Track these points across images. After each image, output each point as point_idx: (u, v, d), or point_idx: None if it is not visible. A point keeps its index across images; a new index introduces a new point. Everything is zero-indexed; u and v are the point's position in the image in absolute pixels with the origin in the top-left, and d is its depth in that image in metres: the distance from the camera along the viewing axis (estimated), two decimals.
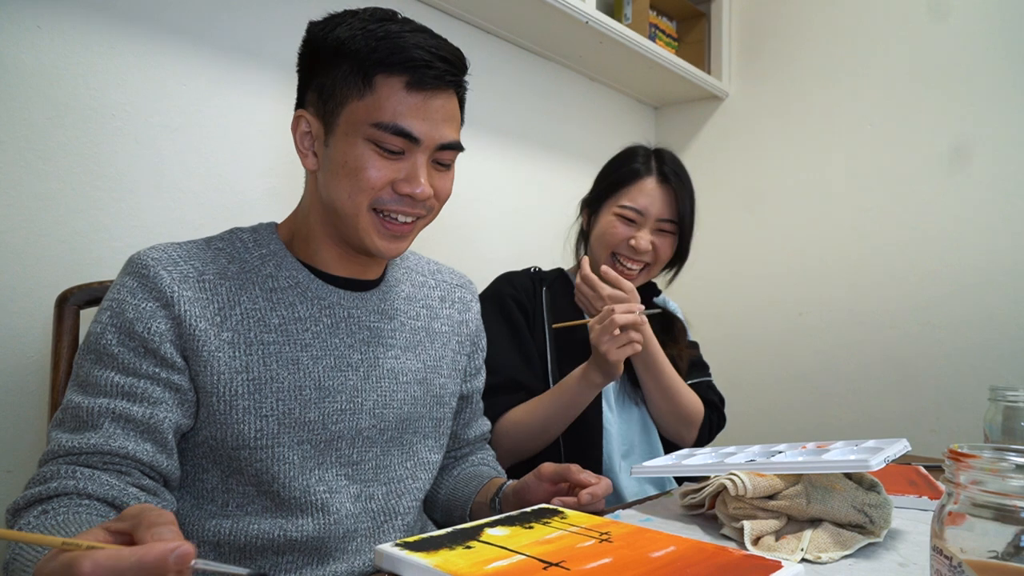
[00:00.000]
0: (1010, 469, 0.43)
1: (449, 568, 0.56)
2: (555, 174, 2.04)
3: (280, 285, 0.82)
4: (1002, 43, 1.83)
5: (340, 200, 0.79)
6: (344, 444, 0.82)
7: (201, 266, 0.79)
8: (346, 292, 0.86)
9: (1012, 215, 1.80)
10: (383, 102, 0.76)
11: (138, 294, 0.75)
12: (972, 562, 0.42)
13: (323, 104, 0.79)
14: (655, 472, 0.92)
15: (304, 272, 0.84)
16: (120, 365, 0.73)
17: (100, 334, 0.74)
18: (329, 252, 0.85)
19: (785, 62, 2.21)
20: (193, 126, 1.23)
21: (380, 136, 0.77)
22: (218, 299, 0.78)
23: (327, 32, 0.79)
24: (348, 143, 0.77)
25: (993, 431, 0.99)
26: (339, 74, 0.77)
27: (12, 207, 1.02)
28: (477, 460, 1.07)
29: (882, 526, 0.73)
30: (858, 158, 2.05)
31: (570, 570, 0.57)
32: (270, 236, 0.86)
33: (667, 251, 1.30)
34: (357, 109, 0.77)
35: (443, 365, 0.95)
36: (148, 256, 0.77)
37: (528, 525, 0.70)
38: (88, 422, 0.71)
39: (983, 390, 1.04)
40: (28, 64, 1.04)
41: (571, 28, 1.77)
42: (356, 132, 0.77)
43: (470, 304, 1.04)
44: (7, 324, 1.02)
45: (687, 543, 0.64)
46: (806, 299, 2.12)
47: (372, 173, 0.77)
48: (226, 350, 0.76)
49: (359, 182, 0.77)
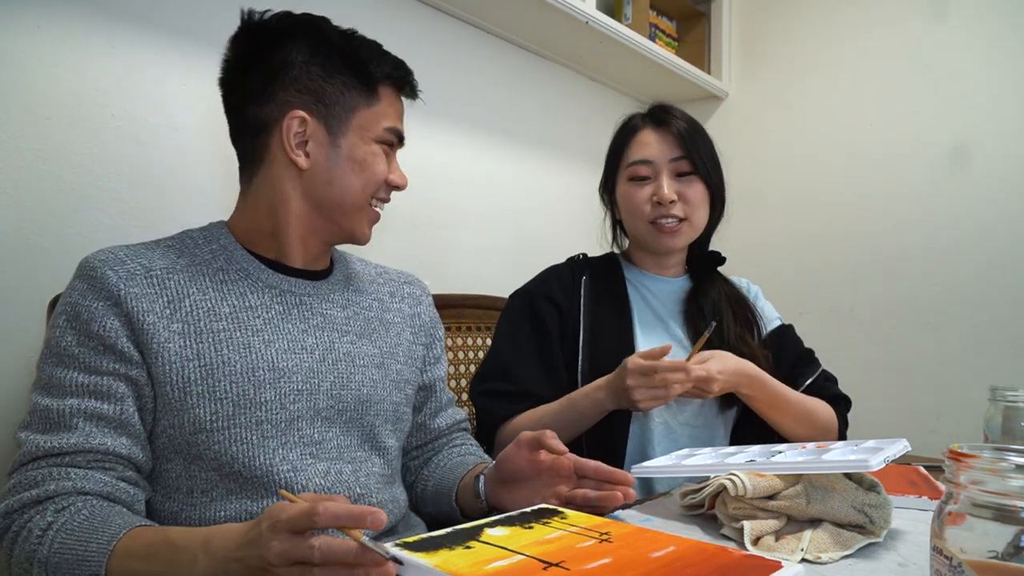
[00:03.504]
0: (1010, 469, 0.43)
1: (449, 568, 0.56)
2: (555, 174, 2.04)
3: (230, 277, 0.85)
4: (1002, 43, 1.83)
5: (351, 192, 0.87)
6: (304, 424, 0.83)
7: (148, 263, 0.81)
8: (297, 280, 0.89)
9: (1012, 215, 1.80)
10: (387, 109, 0.89)
11: (88, 295, 0.77)
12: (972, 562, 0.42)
13: (324, 107, 0.85)
14: (655, 472, 0.92)
15: (255, 263, 0.87)
16: (83, 365, 0.75)
17: (59, 338, 0.77)
18: (296, 245, 0.89)
19: (785, 62, 2.21)
20: (192, 126, 1.23)
21: (387, 137, 0.89)
22: (167, 292, 0.80)
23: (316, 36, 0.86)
24: (362, 144, 0.87)
25: (993, 431, 0.98)
26: (343, 82, 0.86)
27: (12, 207, 1.03)
28: (462, 450, 1.07)
29: (882, 526, 0.73)
30: (858, 158, 2.05)
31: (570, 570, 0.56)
32: (220, 232, 0.89)
33: (698, 194, 1.19)
34: (368, 115, 0.87)
35: (399, 352, 0.98)
36: (95, 258, 0.80)
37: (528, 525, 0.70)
38: (61, 423, 0.73)
39: (983, 390, 1.03)
40: (28, 64, 1.04)
41: (571, 28, 1.77)
42: (369, 135, 0.87)
43: (420, 298, 1.07)
44: (6, 324, 1.02)
45: (687, 543, 0.64)
46: (806, 299, 2.12)
47: (383, 168, 0.89)
48: (176, 340, 0.78)
49: (374, 175, 0.88)
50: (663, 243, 1.21)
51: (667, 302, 1.26)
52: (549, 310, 1.21)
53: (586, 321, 1.21)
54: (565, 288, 1.24)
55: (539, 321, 1.21)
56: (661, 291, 1.27)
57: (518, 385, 1.16)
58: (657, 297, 1.26)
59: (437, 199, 1.69)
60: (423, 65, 1.67)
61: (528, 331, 1.20)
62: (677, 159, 1.19)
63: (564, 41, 1.86)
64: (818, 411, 1.17)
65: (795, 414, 1.14)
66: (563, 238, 2.02)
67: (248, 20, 0.87)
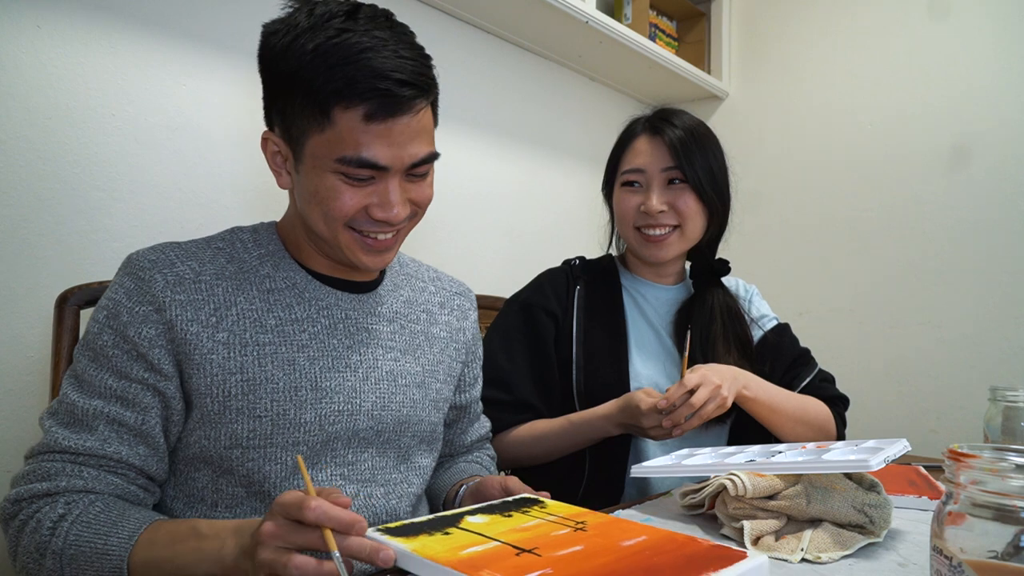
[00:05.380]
0: (1010, 469, 0.43)
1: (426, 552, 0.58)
2: (555, 174, 2.04)
3: (277, 286, 0.82)
4: (1002, 43, 1.83)
5: (316, 225, 0.79)
6: (340, 445, 0.82)
7: (198, 266, 0.79)
8: (343, 294, 0.86)
9: (1012, 215, 1.80)
10: (344, 135, 0.73)
11: (133, 296, 0.76)
12: (972, 562, 0.42)
13: (286, 131, 0.77)
14: (655, 472, 0.92)
15: (301, 273, 0.84)
16: (114, 367, 0.74)
17: (97, 333, 0.75)
18: (318, 260, 0.86)
19: (785, 62, 2.21)
20: (193, 126, 1.23)
21: (346, 169, 0.74)
22: (214, 299, 0.78)
23: (278, 57, 0.74)
24: (316, 175, 0.75)
25: (993, 431, 0.99)
26: (296, 104, 0.74)
27: (12, 207, 1.03)
28: (472, 458, 1.07)
29: (882, 526, 0.73)
30: (858, 157, 2.05)
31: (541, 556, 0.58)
32: (269, 236, 0.86)
33: (691, 205, 1.16)
34: (319, 144, 0.74)
35: (440, 370, 0.95)
36: (145, 258, 0.77)
37: (507, 514, 0.72)
38: (83, 422, 0.73)
39: (983, 390, 1.04)
40: (28, 64, 1.04)
41: (571, 28, 1.77)
42: (322, 165, 0.75)
43: (468, 312, 1.03)
44: (7, 324, 1.02)
45: (659, 533, 0.65)
46: (806, 299, 2.12)
47: (344, 202, 0.75)
48: (220, 351, 0.76)
49: (331, 211, 0.76)
50: (650, 252, 1.20)
51: (661, 311, 1.26)
52: (544, 322, 1.21)
53: (579, 335, 1.20)
54: (560, 297, 1.23)
55: (535, 334, 1.20)
56: (657, 299, 1.27)
57: (514, 396, 1.16)
58: (652, 306, 1.26)
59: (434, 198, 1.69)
60: None
61: (524, 343, 1.20)
62: (668, 168, 1.17)
63: (564, 41, 1.86)
64: (815, 410, 1.17)
65: (791, 414, 1.13)
66: (561, 238, 2.02)
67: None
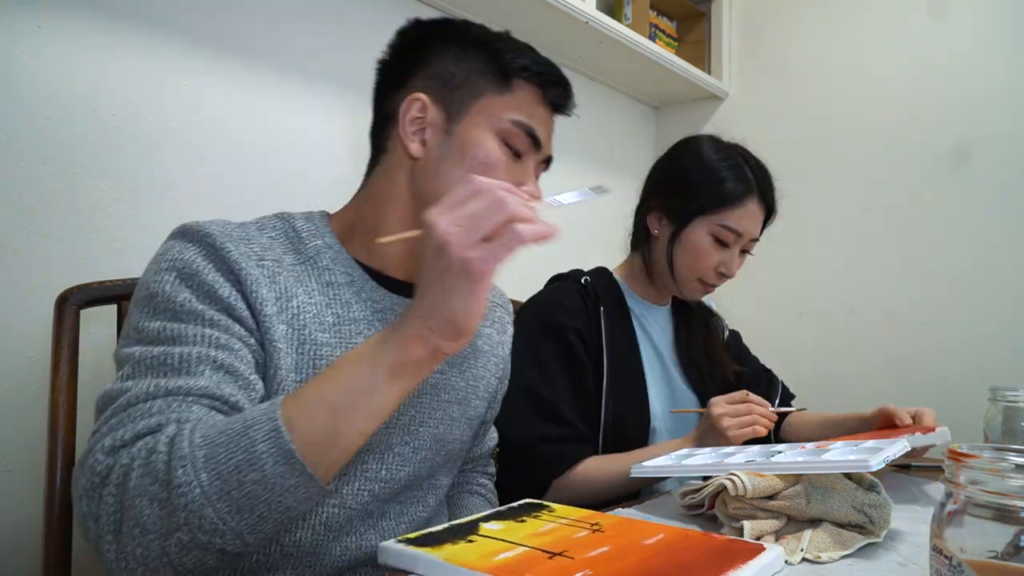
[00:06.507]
0: (1010, 469, 0.43)
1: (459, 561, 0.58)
2: (555, 174, 2.03)
3: (336, 280, 0.76)
4: (1002, 43, 1.83)
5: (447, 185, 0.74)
6: (372, 459, 0.76)
7: (260, 249, 0.72)
8: (398, 297, 0.80)
9: (1012, 215, 1.80)
10: (521, 104, 0.79)
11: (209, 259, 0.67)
12: (972, 562, 0.42)
13: (448, 92, 0.78)
14: (655, 472, 0.92)
15: (358, 270, 0.79)
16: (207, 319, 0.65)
17: (172, 294, 0.65)
18: (375, 258, 0.80)
19: (785, 62, 2.21)
20: (193, 126, 1.23)
21: (513, 133, 0.78)
22: (276, 287, 0.71)
23: (461, 26, 0.80)
24: (478, 132, 0.77)
25: (993, 431, 0.99)
26: (474, 67, 0.78)
27: (12, 207, 1.02)
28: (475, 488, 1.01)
29: (882, 526, 0.73)
30: (857, 158, 2.05)
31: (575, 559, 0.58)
32: (324, 228, 0.80)
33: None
34: (494, 103, 0.77)
35: (480, 386, 0.91)
36: (208, 227, 0.70)
37: (520, 519, 0.72)
38: (184, 368, 0.62)
39: (983, 390, 1.04)
40: (28, 64, 1.04)
41: (571, 28, 1.77)
42: (489, 123, 0.77)
43: (507, 326, 0.99)
44: (7, 324, 1.02)
45: (674, 531, 0.67)
46: (806, 299, 2.12)
47: (499, 172, 0.76)
48: (282, 343, 0.69)
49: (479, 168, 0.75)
50: (693, 297, 1.23)
51: (661, 335, 1.27)
52: (576, 343, 1.13)
53: (609, 362, 1.15)
54: (582, 317, 1.16)
55: (572, 356, 1.13)
56: (657, 322, 1.27)
57: (574, 428, 1.09)
58: (654, 329, 1.26)
59: None
60: None
61: (561, 367, 1.12)
62: (754, 240, 1.21)
63: (564, 41, 1.86)
64: None
65: None
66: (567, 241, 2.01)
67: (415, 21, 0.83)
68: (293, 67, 1.38)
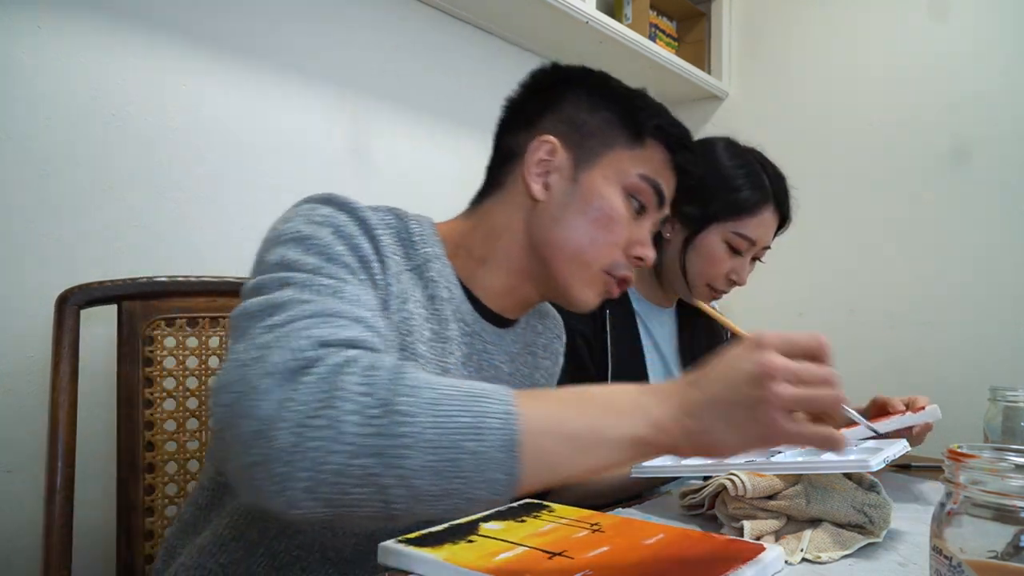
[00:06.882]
0: (1010, 469, 0.43)
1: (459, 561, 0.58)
2: None
3: (439, 294, 0.74)
4: (1002, 43, 1.83)
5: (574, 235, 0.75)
6: None
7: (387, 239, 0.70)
8: (487, 324, 0.80)
9: (1012, 215, 1.80)
10: (650, 162, 0.79)
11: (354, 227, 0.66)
12: (972, 562, 0.42)
13: (579, 138, 0.78)
14: (654, 472, 0.92)
15: (459, 288, 0.77)
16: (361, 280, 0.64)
17: (330, 243, 0.63)
18: (499, 281, 0.79)
19: (785, 62, 2.21)
20: (193, 126, 1.23)
21: (641, 188, 0.78)
22: (400, 286, 0.69)
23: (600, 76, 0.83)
24: (605, 185, 0.77)
25: (993, 431, 0.99)
26: (608, 118, 0.79)
27: (12, 207, 1.03)
28: None
29: (882, 526, 0.73)
30: (857, 158, 2.05)
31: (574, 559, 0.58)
32: (433, 238, 0.77)
33: None
34: (624, 157, 0.78)
35: None
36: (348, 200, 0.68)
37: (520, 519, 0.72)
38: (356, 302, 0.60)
39: (983, 390, 1.04)
40: (28, 64, 1.04)
41: (571, 28, 1.77)
42: (617, 177, 0.77)
43: (559, 355, 0.98)
44: (7, 324, 1.02)
45: (673, 531, 0.67)
46: (806, 299, 2.12)
47: (621, 228, 0.76)
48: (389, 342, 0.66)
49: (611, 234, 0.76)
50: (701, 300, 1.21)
51: (665, 338, 1.26)
52: (582, 348, 1.13)
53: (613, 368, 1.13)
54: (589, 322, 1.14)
55: (578, 359, 1.11)
56: (661, 325, 1.26)
57: None
58: (659, 333, 1.25)
59: (438, 200, 1.69)
60: (421, 64, 1.67)
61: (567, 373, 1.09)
62: (765, 248, 1.20)
63: (564, 41, 1.86)
64: None
65: None
66: None
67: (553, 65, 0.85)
68: (293, 67, 1.38)
